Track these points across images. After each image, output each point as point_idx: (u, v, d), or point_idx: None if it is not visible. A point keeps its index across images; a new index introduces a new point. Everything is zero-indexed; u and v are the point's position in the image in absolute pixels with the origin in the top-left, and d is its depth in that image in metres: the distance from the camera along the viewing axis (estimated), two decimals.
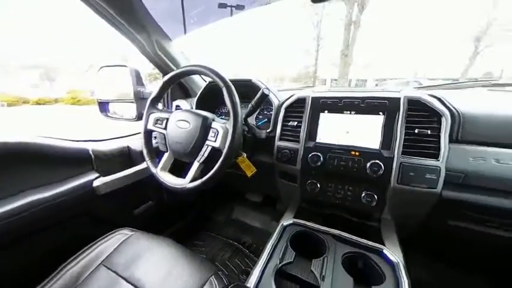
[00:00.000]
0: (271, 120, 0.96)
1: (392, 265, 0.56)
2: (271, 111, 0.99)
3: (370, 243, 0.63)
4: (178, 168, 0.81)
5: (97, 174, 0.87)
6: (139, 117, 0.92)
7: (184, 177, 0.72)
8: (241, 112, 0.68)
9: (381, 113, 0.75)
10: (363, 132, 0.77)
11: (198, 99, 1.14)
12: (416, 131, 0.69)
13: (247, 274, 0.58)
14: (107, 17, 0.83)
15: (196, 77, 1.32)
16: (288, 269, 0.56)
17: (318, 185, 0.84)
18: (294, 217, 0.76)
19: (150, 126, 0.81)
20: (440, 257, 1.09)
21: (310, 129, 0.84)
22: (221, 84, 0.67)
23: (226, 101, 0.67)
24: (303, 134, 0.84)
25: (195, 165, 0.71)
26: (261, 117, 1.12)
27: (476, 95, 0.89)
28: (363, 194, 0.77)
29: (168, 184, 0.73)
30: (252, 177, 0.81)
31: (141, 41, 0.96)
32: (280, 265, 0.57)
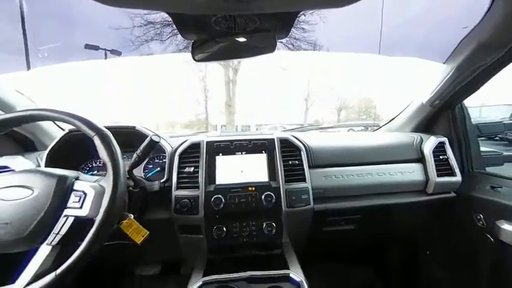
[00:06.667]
0: (166, 168, 0.87)
1: (298, 285, 0.62)
2: (164, 159, 0.91)
3: (278, 272, 0.67)
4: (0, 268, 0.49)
5: None
6: None
7: (12, 281, 0.44)
8: (124, 164, 0.56)
9: (263, 151, 0.90)
10: (253, 169, 0.88)
11: (49, 153, 0.83)
12: (290, 162, 0.88)
13: None
14: None
15: (45, 125, 0.98)
16: None
17: (224, 229, 0.81)
18: (204, 274, 0.67)
19: None
20: (327, 259, 1.35)
21: (209, 173, 0.85)
22: (91, 132, 0.54)
23: (100, 153, 0.53)
24: (201, 179, 0.82)
25: (43, 252, 0.47)
26: (151, 166, 0.98)
27: (314, 135, 1.32)
28: (264, 225, 0.83)
29: None
30: (144, 243, 0.64)
31: None
32: None
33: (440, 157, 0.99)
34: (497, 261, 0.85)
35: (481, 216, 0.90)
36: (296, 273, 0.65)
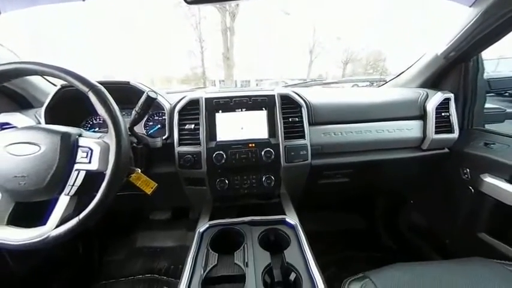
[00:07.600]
0: (166, 125, 0.87)
1: (293, 227, 0.71)
2: (164, 116, 0.90)
3: (276, 217, 0.75)
4: (28, 213, 0.55)
5: None
6: None
7: (44, 224, 0.50)
8: (124, 121, 0.56)
9: (263, 108, 0.89)
10: (253, 126, 0.88)
11: (46, 110, 0.82)
12: (290, 119, 0.88)
13: None
14: None
15: (35, 80, 0.94)
16: (214, 272, 0.56)
17: (226, 181, 0.87)
18: (210, 219, 0.76)
19: None
20: (320, 207, 1.51)
21: (210, 130, 0.85)
22: (84, 88, 0.52)
23: (98, 110, 0.53)
24: (202, 136, 0.84)
25: (63, 201, 0.52)
26: (151, 123, 0.98)
27: (316, 91, 1.27)
28: (263, 178, 0.89)
29: (8, 244, 0.48)
30: (154, 193, 0.70)
31: None
32: (205, 273, 0.55)
33: (442, 114, 0.98)
34: (474, 210, 0.94)
35: (468, 170, 0.95)
36: (291, 218, 0.74)
